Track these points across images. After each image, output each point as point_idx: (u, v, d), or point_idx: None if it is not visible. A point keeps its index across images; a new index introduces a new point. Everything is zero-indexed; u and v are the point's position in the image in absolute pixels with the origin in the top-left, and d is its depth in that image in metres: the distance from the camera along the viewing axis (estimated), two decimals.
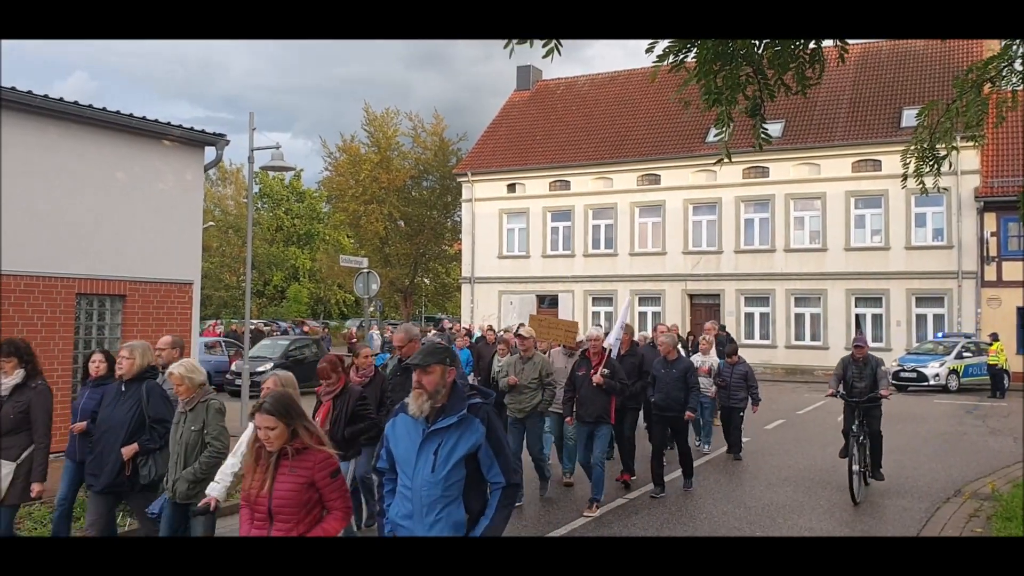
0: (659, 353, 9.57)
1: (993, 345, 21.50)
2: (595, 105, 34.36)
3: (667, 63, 5.66)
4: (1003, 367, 21.56)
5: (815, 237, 28.01)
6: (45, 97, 10.89)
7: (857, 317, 27.22)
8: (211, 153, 13.44)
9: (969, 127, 7.52)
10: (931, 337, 25.38)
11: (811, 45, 5.92)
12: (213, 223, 45.83)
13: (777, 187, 28.35)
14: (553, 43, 4.81)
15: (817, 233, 27.95)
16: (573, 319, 21.93)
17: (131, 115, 11.95)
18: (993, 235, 25.20)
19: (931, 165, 8.12)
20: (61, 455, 6.68)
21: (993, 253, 25.23)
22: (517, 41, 4.82)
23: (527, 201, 32.74)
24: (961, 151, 21.13)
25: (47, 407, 6.02)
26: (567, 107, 35.18)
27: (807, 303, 28.07)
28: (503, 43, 4.87)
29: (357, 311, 56.29)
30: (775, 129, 27.43)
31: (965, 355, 22.41)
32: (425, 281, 43.31)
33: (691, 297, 29.87)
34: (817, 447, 12.23)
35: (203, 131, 13.02)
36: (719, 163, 6.86)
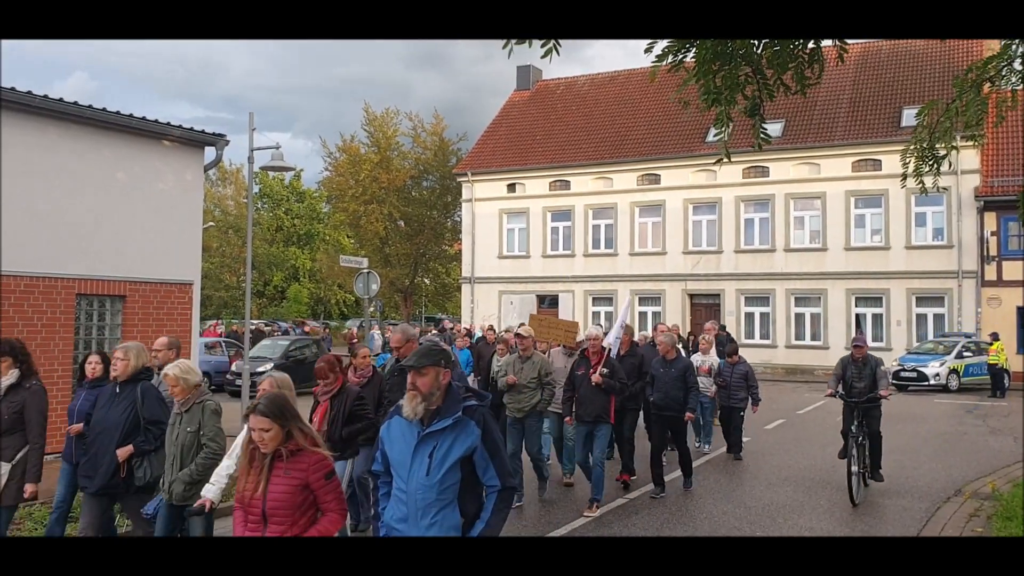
0: (659, 352, 9.54)
1: (993, 345, 21.49)
2: (595, 105, 34.35)
3: (666, 63, 5.66)
4: (1003, 367, 21.55)
5: (815, 237, 28.01)
6: (45, 97, 10.90)
7: (857, 317, 27.22)
8: (211, 153, 13.46)
9: (969, 127, 7.52)
10: (931, 337, 25.40)
11: (810, 45, 5.93)
12: (213, 223, 45.85)
13: (777, 187, 28.34)
14: (552, 43, 4.81)
15: (817, 233, 27.95)
16: (573, 319, 21.92)
17: (131, 115, 11.96)
18: (993, 234, 25.19)
19: (930, 165, 8.11)
20: (58, 456, 6.65)
21: (993, 252, 25.23)
22: (516, 41, 4.81)
23: (527, 201, 32.74)
24: (961, 150, 21.09)
25: (41, 407, 5.97)
26: (567, 107, 35.18)
27: (807, 303, 28.07)
28: (502, 43, 4.87)
29: (357, 311, 56.28)
30: (775, 129, 27.43)
31: (965, 355, 22.41)
32: (425, 281, 43.31)
33: (691, 297, 29.87)
34: (817, 447, 12.23)
35: (203, 131, 13.04)
36: (718, 163, 6.86)
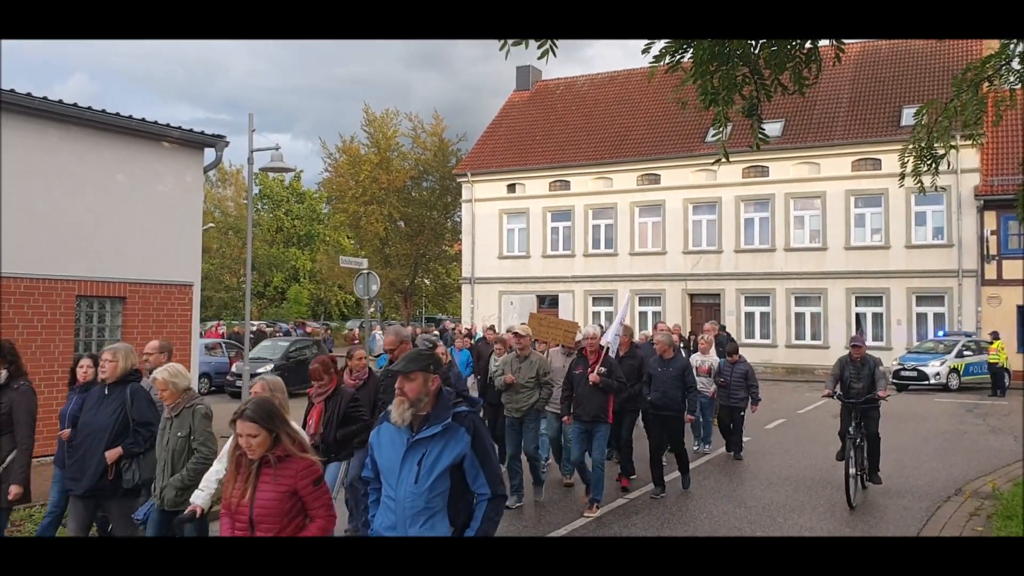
0: (657, 352, 9.43)
1: (993, 343, 21.49)
2: (595, 105, 34.35)
3: (664, 63, 5.66)
4: (1003, 366, 21.54)
5: (815, 236, 28.01)
6: (45, 99, 10.91)
7: (857, 316, 27.22)
8: (211, 155, 13.47)
9: (967, 126, 7.51)
10: (931, 336, 25.40)
11: (807, 45, 5.92)
12: (213, 224, 45.90)
13: (777, 186, 28.35)
14: (548, 43, 4.80)
15: (817, 232, 27.95)
16: (573, 319, 21.92)
17: (130, 117, 11.97)
18: (993, 233, 25.19)
19: (929, 164, 8.10)
20: (50, 458, 6.57)
21: (993, 251, 25.23)
22: (513, 42, 4.81)
23: (527, 201, 32.74)
24: (961, 149, 21.06)
25: (30, 408, 5.88)
26: (567, 107, 35.18)
27: (807, 302, 28.07)
28: (500, 44, 4.87)
29: (358, 312, 56.29)
30: (775, 128, 27.44)
31: (965, 354, 22.40)
32: (425, 282, 43.32)
33: (691, 297, 29.86)
34: (818, 447, 12.22)
35: (202, 133, 13.05)
36: (717, 163, 6.87)
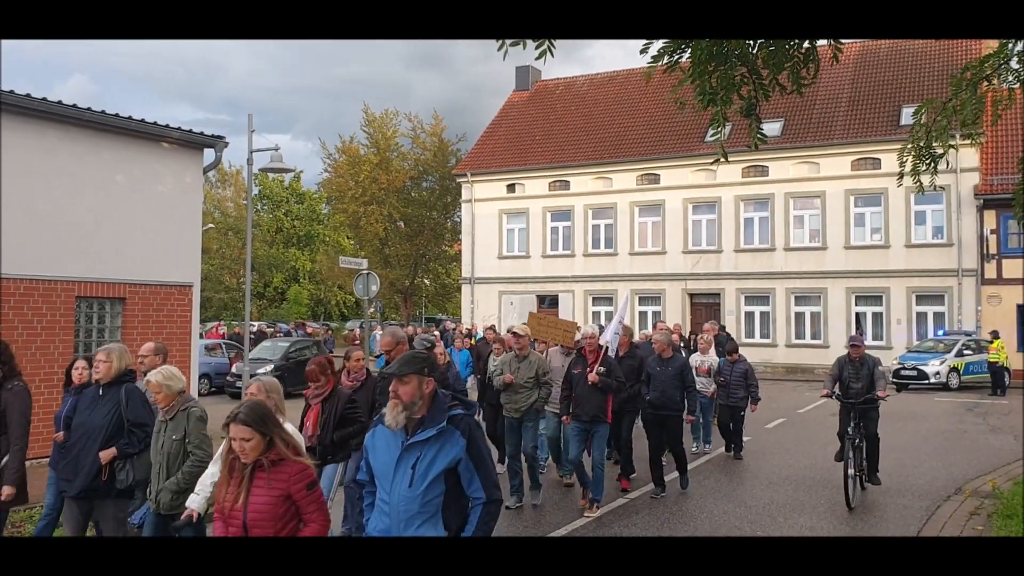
0: (655, 351, 9.37)
1: (994, 343, 21.49)
2: (594, 105, 34.35)
3: (662, 64, 5.66)
4: (1004, 365, 21.55)
5: (815, 236, 28.01)
6: (44, 100, 10.91)
7: (857, 315, 27.23)
8: (210, 155, 13.47)
9: (965, 125, 7.50)
10: (931, 335, 25.39)
11: (805, 45, 5.92)
12: (213, 225, 45.90)
13: (777, 186, 28.35)
14: (546, 44, 4.79)
15: (817, 232, 27.95)
16: (573, 319, 21.91)
17: (130, 118, 11.97)
18: (993, 232, 25.19)
19: (928, 164, 8.10)
20: (46, 461, 6.52)
21: (993, 250, 25.23)
22: (511, 42, 4.81)
23: (527, 201, 32.74)
24: (961, 148, 21.05)
25: (24, 408, 5.84)
26: (566, 107, 35.18)
27: (807, 302, 28.07)
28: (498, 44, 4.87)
29: (358, 312, 56.28)
30: (774, 128, 27.45)
31: (966, 353, 22.41)
32: (425, 282, 43.31)
33: (691, 296, 29.86)
34: (818, 446, 12.22)
35: (202, 133, 13.05)
36: (716, 163, 6.87)
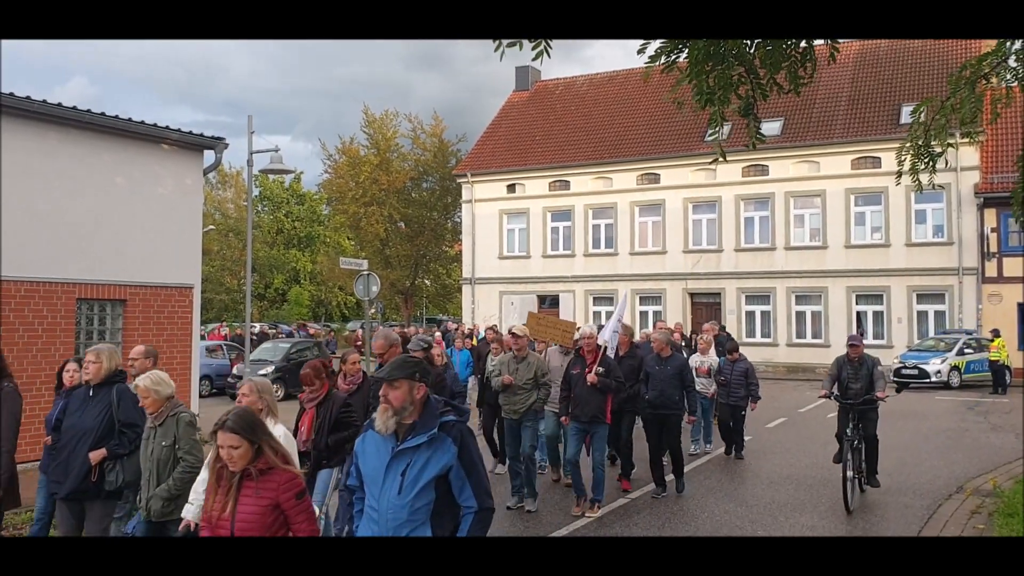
0: (654, 350, 9.34)
1: (994, 341, 21.47)
2: (594, 105, 34.35)
3: (659, 64, 5.66)
4: (1005, 363, 21.53)
5: (815, 235, 27.99)
6: (44, 102, 10.92)
7: (858, 314, 27.22)
8: (210, 157, 13.48)
9: (963, 124, 7.49)
10: (932, 334, 25.37)
11: (802, 44, 5.92)
12: (213, 227, 45.94)
13: (777, 185, 28.33)
14: (543, 44, 4.79)
15: (817, 231, 27.93)
16: (573, 319, 21.92)
17: (130, 119, 11.98)
18: (993, 231, 25.18)
19: (926, 162, 8.09)
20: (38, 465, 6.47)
21: (994, 249, 25.22)
22: (508, 43, 4.81)
23: (527, 201, 32.73)
24: (961, 147, 21.02)
25: (14, 410, 5.80)
26: (566, 107, 35.18)
27: (808, 301, 28.06)
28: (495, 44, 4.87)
29: (358, 313, 56.27)
30: (774, 127, 27.45)
31: (966, 351, 22.39)
32: (426, 282, 43.33)
33: (692, 296, 29.85)
34: (819, 445, 12.22)
35: (201, 135, 13.06)
36: (714, 163, 6.88)
